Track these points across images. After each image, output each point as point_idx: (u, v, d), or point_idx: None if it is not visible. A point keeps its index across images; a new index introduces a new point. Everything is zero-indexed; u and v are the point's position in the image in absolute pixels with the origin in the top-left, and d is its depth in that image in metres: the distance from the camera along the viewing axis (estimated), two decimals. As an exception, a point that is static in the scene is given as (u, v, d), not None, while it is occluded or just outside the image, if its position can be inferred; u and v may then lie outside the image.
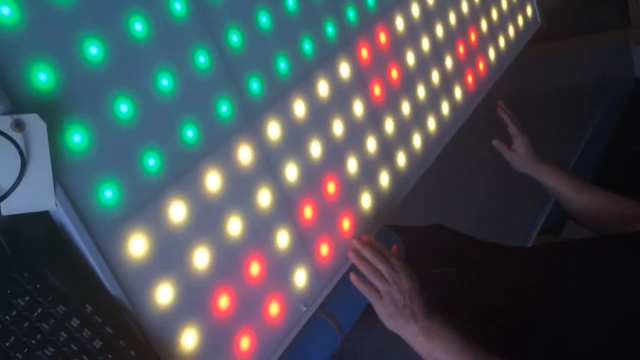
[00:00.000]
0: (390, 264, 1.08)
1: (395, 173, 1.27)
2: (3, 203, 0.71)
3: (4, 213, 0.71)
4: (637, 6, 2.87)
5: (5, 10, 0.71)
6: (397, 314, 1.06)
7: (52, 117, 0.74)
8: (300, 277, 1.05)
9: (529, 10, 1.82)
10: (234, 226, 0.95)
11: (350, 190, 1.16)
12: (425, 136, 1.36)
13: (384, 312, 1.07)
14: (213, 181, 0.93)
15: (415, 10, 1.36)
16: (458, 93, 1.48)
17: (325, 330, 1.11)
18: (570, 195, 1.35)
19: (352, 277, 1.08)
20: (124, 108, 0.82)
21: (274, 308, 1.00)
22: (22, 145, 0.70)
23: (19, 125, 0.70)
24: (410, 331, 1.06)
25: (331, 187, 1.12)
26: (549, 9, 2.02)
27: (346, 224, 1.15)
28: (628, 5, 2.90)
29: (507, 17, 1.71)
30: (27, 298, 0.72)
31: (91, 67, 0.79)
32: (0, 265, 0.72)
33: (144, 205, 0.83)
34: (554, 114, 3.83)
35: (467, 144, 1.47)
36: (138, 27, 0.84)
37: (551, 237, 3.49)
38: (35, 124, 0.71)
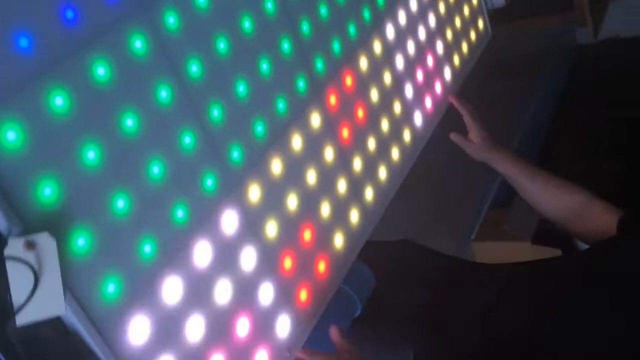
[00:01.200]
0: None
1: (364, 208, 1.34)
2: (18, 317, 0.76)
3: (18, 324, 0.76)
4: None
5: (11, 135, 0.74)
6: None
7: (58, 227, 0.78)
8: (284, 325, 1.13)
9: (481, 23, 1.89)
10: (223, 291, 1.01)
11: (324, 233, 1.23)
12: (390, 167, 1.44)
13: None
14: (203, 253, 0.98)
15: (377, 47, 1.42)
16: (418, 119, 1.55)
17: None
18: (524, 183, 1.44)
19: None
20: (120, 204, 0.86)
21: (262, 358, 1.08)
22: (33, 262, 0.75)
23: (30, 245, 0.75)
24: None
25: (307, 235, 1.19)
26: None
27: (322, 266, 1.22)
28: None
29: (461, 34, 1.78)
30: (47, 402, 0.77)
31: (90, 171, 0.83)
32: (19, 374, 0.77)
33: (142, 291, 0.89)
34: (500, 87, 3.94)
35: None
36: (129, 122, 0.88)
37: (499, 211, 3.63)
38: (45, 241, 0.76)
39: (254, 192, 1.08)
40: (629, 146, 3.67)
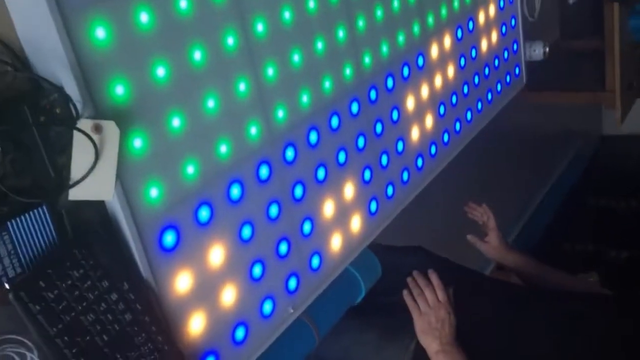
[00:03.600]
0: (437, 296, 1.39)
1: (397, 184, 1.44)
2: (72, 190, 0.85)
3: (70, 198, 0.86)
4: (613, 73, 3.10)
5: (100, 33, 0.85)
6: (428, 332, 1.36)
7: (123, 122, 0.88)
8: (293, 283, 1.21)
9: (517, 69, 2.01)
10: (246, 232, 1.10)
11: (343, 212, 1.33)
12: (413, 172, 1.54)
13: (418, 326, 1.38)
14: (234, 191, 1.08)
15: (434, 50, 1.53)
16: (432, 149, 1.65)
17: (304, 331, 1.27)
18: (530, 275, 1.62)
19: (405, 293, 1.42)
20: (176, 122, 0.97)
21: (267, 307, 1.16)
22: (97, 144, 0.85)
23: (97, 129, 0.85)
24: (433, 349, 1.34)
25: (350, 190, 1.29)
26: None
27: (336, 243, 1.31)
28: (605, 71, 3.13)
29: (497, 74, 1.89)
30: (81, 271, 0.86)
31: (157, 85, 0.93)
32: (62, 241, 0.86)
33: (179, 204, 0.98)
34: (521, 159, 4.06)
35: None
36: (197, 55, 0.99)
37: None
38: (110, 129, 0.86)
39: (290, 153, 1.18)
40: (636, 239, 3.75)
